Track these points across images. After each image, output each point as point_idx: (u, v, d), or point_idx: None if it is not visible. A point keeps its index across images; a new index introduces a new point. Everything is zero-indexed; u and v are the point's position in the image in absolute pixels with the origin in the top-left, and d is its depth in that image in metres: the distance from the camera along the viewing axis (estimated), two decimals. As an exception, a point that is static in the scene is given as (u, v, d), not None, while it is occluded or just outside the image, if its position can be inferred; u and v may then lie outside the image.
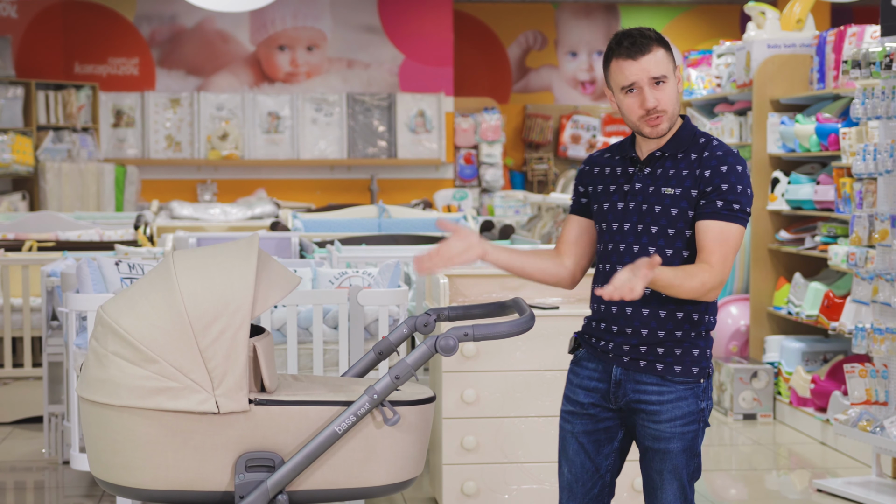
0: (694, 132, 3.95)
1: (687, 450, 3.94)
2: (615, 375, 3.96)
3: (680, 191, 3.86)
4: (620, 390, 3.95)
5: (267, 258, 4.05)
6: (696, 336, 3.92)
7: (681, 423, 3.91)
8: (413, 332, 4.29)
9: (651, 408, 3.92)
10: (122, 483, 3.96)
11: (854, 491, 6.73)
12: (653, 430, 3.93)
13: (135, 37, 15.84)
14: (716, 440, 8.33)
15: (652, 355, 3.91)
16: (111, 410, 3.88)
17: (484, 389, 6.06)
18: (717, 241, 3.80)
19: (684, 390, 3.91)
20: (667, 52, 3.89)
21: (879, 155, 6.69)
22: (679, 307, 3.89)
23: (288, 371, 5.89)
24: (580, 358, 4.08)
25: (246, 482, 3.91)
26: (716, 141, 3.93)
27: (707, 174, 3.84)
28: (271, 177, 16.05)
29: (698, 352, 3.93)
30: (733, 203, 3.81)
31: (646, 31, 3.89)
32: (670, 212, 3.86)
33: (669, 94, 3.87)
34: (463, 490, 6.07)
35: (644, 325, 3.90)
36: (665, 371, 3.90)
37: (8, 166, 13.65)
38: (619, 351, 3.94)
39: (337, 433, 3.94)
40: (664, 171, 3.90)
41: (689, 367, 3.91)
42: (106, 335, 3.91)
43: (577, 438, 4.06)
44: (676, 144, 3.92)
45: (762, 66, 9.07)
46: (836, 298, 8.09)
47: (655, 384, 3.91)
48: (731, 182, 3.82)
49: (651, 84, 3.86)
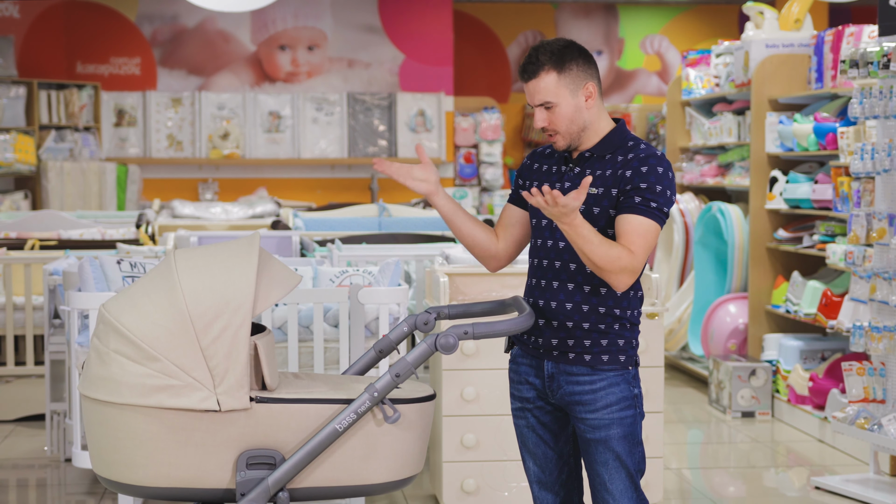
0: (625, 136, 4.05)
1: (627, 436, 4.01)
2: (547, 370, 4.06)
3: (602, 190, 3.96)
4: (554, 384, 4.05)
5: (268, 257, 4.05)
6: (619, 328, 4.01)
7: (617, 408, 3.99)
8: (413, 331, 4.28)
9: (586, 397, 4.00)
10: (123, 480, 3.95)
11: (852, 488, 6.75)
12: (590, 420, 4.00)
13: (136, 36, 15.84)
14: (714, 438, 8.34)
15: (579, 347, 4.00)
16: (113, 408, 3.87)
17: (484, 387, 6.09)
18: (635, 231, 3.88)
19: (615, 376, 4.00)
20: (560, 74, 3.97)
21: (877, 154, 6.70)
22: (601, 302, 3.99)
23: (289, 369, 5.90)
24: (515, 355, 4.20)
25: (247, 480, 3.90)
26: (644, 145, 4.02)
27: (628, 174, 3.93)
28: (272, 176, 16.05)
29: (623, 341, 4.02)
30: (651, 200, 3.89)
31: (541, 54, 3.98)
32: (592, 210, 3.96)
33: (559, 116, 3.98)
34: (463, 487, 6.09)
35: (568, 318, 3.99)
36: (594, 361, 3.99)
37: (10, 165, 13.65)
38: (549, 345, 4.04)
39: (337, 431, 3.93)
40: (591, 171, 4.00)
41: (616, 355, 4.01)
42: (108, 333, 3.90)
43: (534, 431, 4.16)
44: (605, 146, 4.02)
45: (760, 66, 9.08)
46: (834, 297, 8.10)
47: (587, 374, 4.00)
48: (649, 181, 3.90)
49: (540, 108, 4.00)
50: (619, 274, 3.84)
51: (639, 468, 4.05)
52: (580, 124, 3.99)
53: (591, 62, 4.03)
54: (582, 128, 4.00)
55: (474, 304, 4.28)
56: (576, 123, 3.98)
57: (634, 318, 4.06)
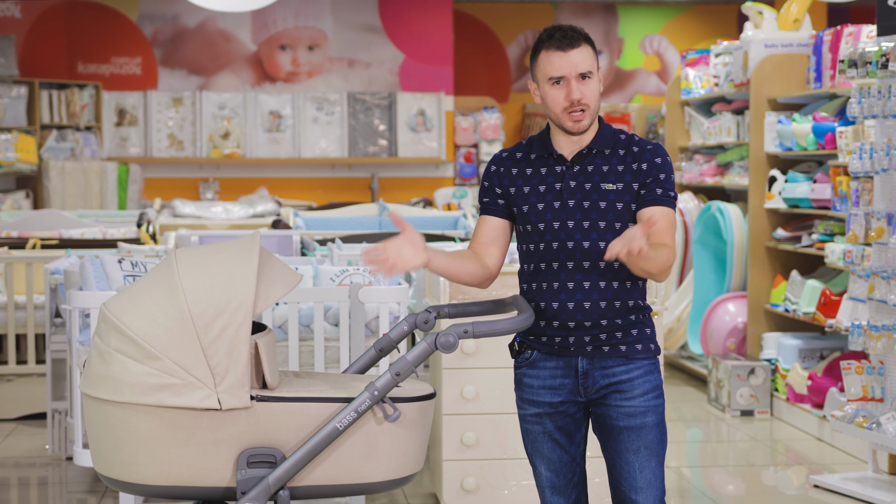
0: (612, 129, 4.07)
1: (659, 424, 4.04)
2: (581, 367, 4.02)
3: (622, 185, 3.97)
4: (589, 380, 4.02)
5: (268, 256, 4.05)
6: (644, 317, 4.05)
7: (652, 395, 4.02)
8: (413, 330, 4.27)
9: (623, 386, 4.00)
10: (124, 479, 3.95)
11: (851, 486, 6.76)
12: (627, 407, 4.00)
13: (137, 36, 15.85)
14: (713, 436, 8.36)
15: (613, 339, 4.00)
16: (114, 407, 3.87)
17: (483, 386, 6.09)
18: (666, 224, 3.95)
19: (649, 364, 4.04)
20: (593, 50, 4.00)
21: (876, 153, 6.71)
22: (629, 296, 4.01)
23: (289, 368, 5.90)
24: (534, 360, 4.09)
25: (248, 478, 3.90)
26: (636, 136, 4.07)
27: (644, 167, 3.98)
28: (273, 175, 16.06)
29: (650, 330, 4.07)
30: (669, 190, 3.99)
31: (575, 28, 4.00)
32: (616, 206, 3.97)
33: (593, 90, 3.97)
34: (463, 486, 6.10)
35: (602, 316, 3.98)
36: (629, 351, 4.01)
37: (12, 165, 13.66)
38: (581, 342, 4.01)
39: (338, 429, 3.93)
40: (596, 167, 4.00)
41: (647, 343, 4.05)
42: (109, 332, 3.90)
43: (550, 436, 4.11)
44: (601, 142, 4.02)
45: (759, 66, 9.09)
46: (833, 296, 8.11)
47: (622, 364, 4.01)
48: (666, 172, 3.99)
49: (577, 78, 3.95)
50: (666, 271, 3.92)
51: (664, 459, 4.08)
52: (599, 106, 4.02)
53: None
54: (598, 109, 4.03)
55: (474, 303, 4.27)
56: (598, 103, 4.01)
57: (648, 308, 4.10)
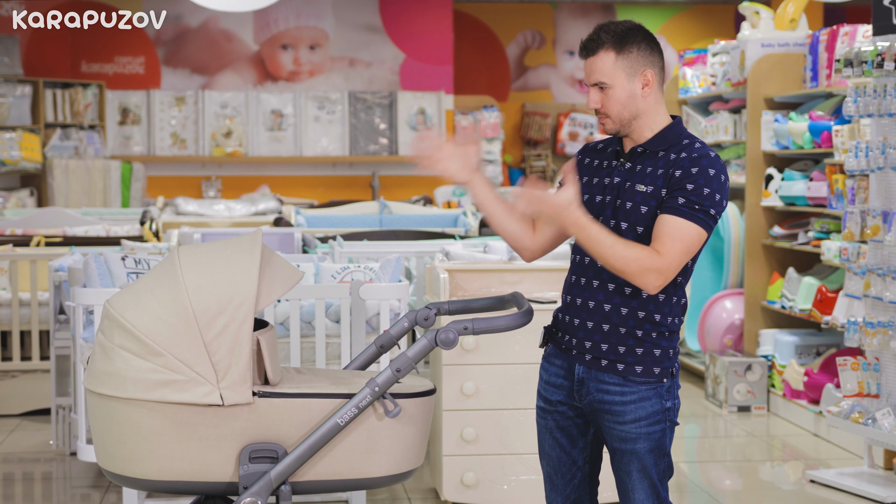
0: (680, 134, 3.87)
1: (654, 450, 3.89)
2: (578, 373, 3.93)
3: (652, 189, 3.80)
4: (584, 388, 3.92)
5: (270, 253, 4.05)
6: (657, 336, 3.86)
7: (645, 423, 3.87)
8: (414, 326, 4.28)
9: (615, 408, 3.87)
10: (128, 474, 3.95)
11: (846, 482, 6.78)
12: (618, 431, 3.89)
13: (140, 36, 15.88)
14: (711, 432, 8.37)
15: (613, 354, 3.86)
16: (117, 403, 3.86)
17: (483, 382, 6.12)
18: (668, 233, 3.73)
19: (647, 390, 3.86)
20: (619, 56, 3.82)
21: (871, 152, 6.72)
22: (641, 306, 3.84)
23: (291, 364, 5.93)
24: (549, 354, 4.08)
25: (250, 473, 3.90)
26: (699, 143, 3.84)
27: (677, 174, 3.77)
28: (275, 173, 16.08)
29: (660, 352, 3.87)
30: (695, 203, 3.73)
31: (603, 33, 3.83)
32: (640, 209, 3.81)
33: (612, 100, 3.83)
34: (462, 481, 6.12)
35: (605, 319, 3.86)
36: (626, 371, 3.85)
37: (16, 163, 13.68)
38: (582, 348, 3.91)
39: (339, 425, 3.93)
40: (642, 167, 3.85)
41: (650, 367, 3.86)
42: (112, 329, 3.90)
43: (552, 433, 4.06)
44: (659, 143, 3.86)
45: (756, 65, 9.10)
46: (829, 293, 8.12)
47: (618, 384, 3.87)
48: (697, 182, 3.74)
49: (594, 87, 3.86)
50: (641, 275, 3.70)
51: (663, 476, 3.94)
52: (633, 111, 3.83)
53: (655, 50, 3.86)
54: (634, 115, 3.84)
55: (474, 300, 4.27)
56: (628, 109, 3.83)
57: (674, 326, 3.89)
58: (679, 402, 3.97)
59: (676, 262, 3.74)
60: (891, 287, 6.61)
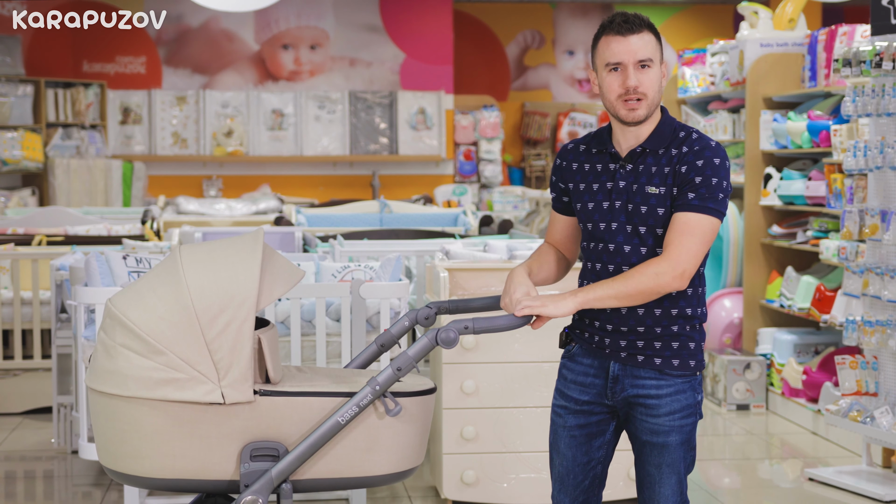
0: (673, 126, 3.90)
1: (685, 443, 3.92)
2: (613, 371, 3.94)
3: (664, 190, 3.82)
4: (618, 385, 3.93)
5: (271, 252, 4.04)
6: (690, 329, 3.90)
7: (679, 416, 3.89)
8: (414, 325, 4.27)
9: (650, 402, 3.89)
10: (129, 472, 3.94)
11: (845, 479, 6.80)
12: (651, 424, 3.90)
13: (141, 36, 15.90)
14: (710, 430, 8.38)
15: (650, 350, 3.88)
16: (119, 401, 3.85)
17: (483, 381, 6.12)
18: (679, 231, 3.77)
19: (682, 383, 3.89)
20: (656, 39, 3.85)
21: (870, 151, 6.73)
22: (672, 304, 3.86)
23: (292, 363, 5.94)
24: (574, 354, 4.05)
25: (251, 471, 3.88)
26: (695, 134, 3.88)
27: (684, 170, 3.80)
28: (275, 173, 16.10)
29: (694, 345, 3.91)
30: (705, 195, 3.77)
31: (640, 15, 3.85)
32: (657, 212, 3.83)
33: (652, 80, 3.83)
34: (463, 479, 6.13)
35: (640, 322, 3.87)
36: (663, 365, 3.88)
37: (18, 162, 13.70)
38: (616, 346, 3.91)
39: (340, 423, 3.91)
40: (646, 168, 3.86)
41: (686, 360, 3.90)
42: (114, 327, 3.88)
43: (570, 432, 4.05)
44: (657, 140, 3.88)
45: (755, 65, 9.11)
46: (828, 292, 8.14)
47: (654, 378, 3.89)
48: (705, 174, 3.77)
49: (636, 66, 3.82)
50: (659, 282, 3.74)
51: (688, 470, 3.97)
52: (659, 97, 3.86)
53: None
54: (658, 102, 3.87)
55: (474, 300, 4.26)
56: (659, 93, 3.86)
57: (703, 316, 3.94)
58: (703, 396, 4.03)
59: (690, 256, 3.77)
60: (889, 286, 6.62)
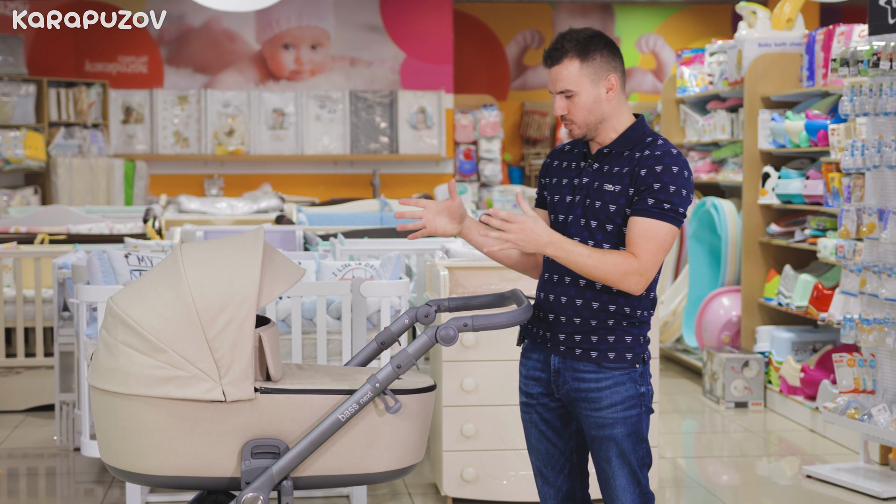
0: (643, 132, 3.99)
1: (632, 434, 3.97)
2: (554, 364, 4.02)
3: (619, 188, 3.90)
4: (560, 378, 4.01)
5: (272, 251, 4.06)
6: (627, 325, 3.97)
7: (621, 407, 3.95)
8: (414, 323, 4.28)
9: (591, 395, 3.96)
10: (131, 469, 3.95)
11: (842, 477, 6.82)
12: (595, 417, 3.97)
13: (143, 36, 15.91)
14: (708, 427, 8.39)
15: (586, 343, 3.96)
16: (121, 399, 3.87)
17: (483, 378, 6.14)
18: (641, 236, 3.85)
19: (620, 375, 3.96)
20: (583, 63, 3.91)
21: (867, 150, 6.75)
22: (612, 300, 3.95)
23: (292, 360, 5.95)
24: (526, 349, 4.16)
25: (252, 468, 3.90)
26: (661, 141, 3.94)
27: (643, 173, 3.87)
28: (276, 172, 16.11)
29: (631, 339, 3.97)
30: (664, 202, 3.84)
31: (566, 41, 3.92)
32: (609, 208, 3.91)
33: (579, 106, 3.92)
34: (462, 476, 6.15)
35: (577, 313, 3.96)
36: (600, 358, 3.95)
37: (20, 161, 13.71)
38: (556, 340, 4.00)
39: (340, 421, 3.93)
40: (609, 167, 3.95)
41: (622, 353, 3.96)
42: (116, 325, 3.90)
43: (537, 427, 4.14)
44: (624, 143, 3.96)
45: (753, 64, 9.13)
46: (825, 290, 8.16)
47: (592, 371, 3.96)
48: (663, 181, 3.84)
49: (560, 95, 3.95)
50: (622, 280, 3.83)
51: (643, 462, 4.02)
52: (599, 115, 3.93)
53: (616, 54, 3.96)
54: (600, 119, 3.94)
55: (474, 297, 4.29)
56: (594, 114, 3.93)
57: (644, 318, 4.01)
58: (652, 390, 4.07)
59: (653, 263, 3.87)
60: (886, 284, 6.64)
